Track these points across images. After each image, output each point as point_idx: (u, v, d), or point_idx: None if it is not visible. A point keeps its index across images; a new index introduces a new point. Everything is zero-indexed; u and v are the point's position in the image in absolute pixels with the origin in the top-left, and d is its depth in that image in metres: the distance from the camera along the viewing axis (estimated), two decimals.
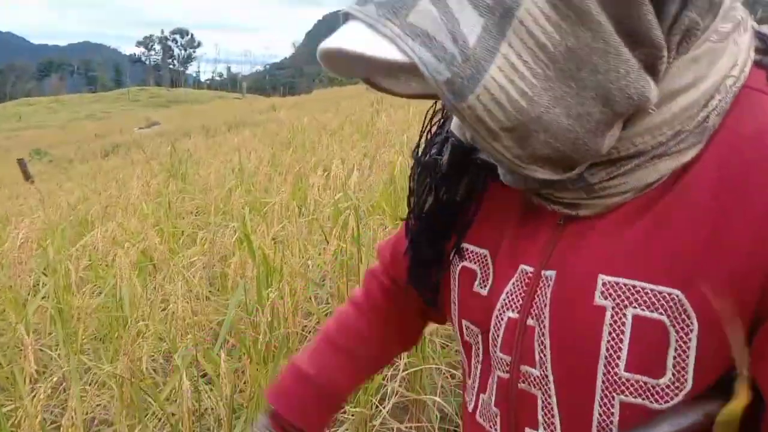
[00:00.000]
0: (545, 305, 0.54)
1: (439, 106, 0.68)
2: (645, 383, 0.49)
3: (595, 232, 0.53)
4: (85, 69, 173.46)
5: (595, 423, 0.52)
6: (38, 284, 3.23)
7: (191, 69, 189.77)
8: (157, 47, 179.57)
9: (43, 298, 2.85)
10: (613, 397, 0.50)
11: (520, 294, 0.57)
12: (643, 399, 0.49)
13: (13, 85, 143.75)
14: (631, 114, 0.48)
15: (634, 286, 0.49)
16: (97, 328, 2.82)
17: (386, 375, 2.07)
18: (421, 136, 0.67)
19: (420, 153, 0.67)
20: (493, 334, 0.59)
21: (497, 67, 0.43)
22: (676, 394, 0.49)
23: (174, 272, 3.02)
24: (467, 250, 0.64)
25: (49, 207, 5.77)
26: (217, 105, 34.97)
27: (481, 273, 0.62)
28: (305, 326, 2.56)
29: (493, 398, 0.61)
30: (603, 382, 0.51)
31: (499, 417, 0.61)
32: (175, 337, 2.34)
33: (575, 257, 0.53)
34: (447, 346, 2.32)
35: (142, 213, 4.61)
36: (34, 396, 1.67)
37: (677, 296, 0.47)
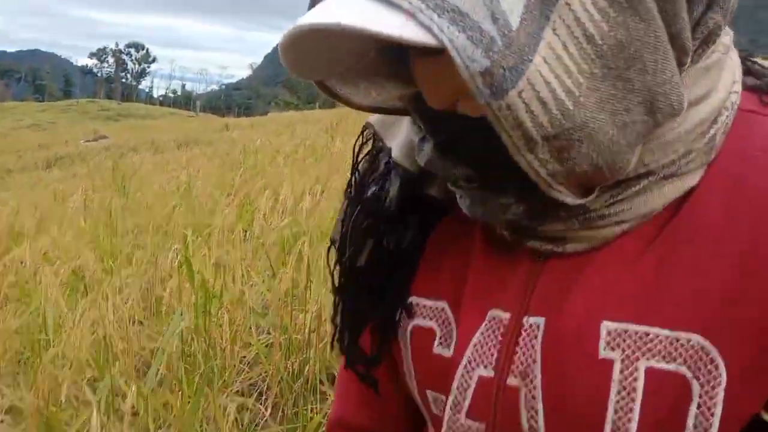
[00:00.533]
0: (534, 360, 0.45)
1: (367, 136, 0.58)
2: None
3: (590, 269, 0.44)
4: (33, 77, 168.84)
5: None
6: None
7: (144, 84, 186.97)
8: (111, 60, 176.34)
9: None
10: None
11: (494, 346, 0.47)
12: None
13: None
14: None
15: (646, 334, 0.41)
16: (18, 351, 2.63)
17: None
18: (352, 174, 0.57)
19: (353, 192, 0.57)
20: (456, 397, 0.49)
21: (542, 58, 0.34)
22: None
23: (106, 294, 2.85)
24: (418, 305, 0.53)
25: None
26: (168, 121, 34.41)
27: (441, 330, 0.52)
28: (243, 357, 2.43)
29: None
30: None
31: None
32: (102, 364, 2.17)
33: (569, 301, 0.44)
34: None
35: (78, 229, 4.40)
36: None
37: (699, 342, 0.40)
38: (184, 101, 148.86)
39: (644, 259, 0.43)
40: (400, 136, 0.54)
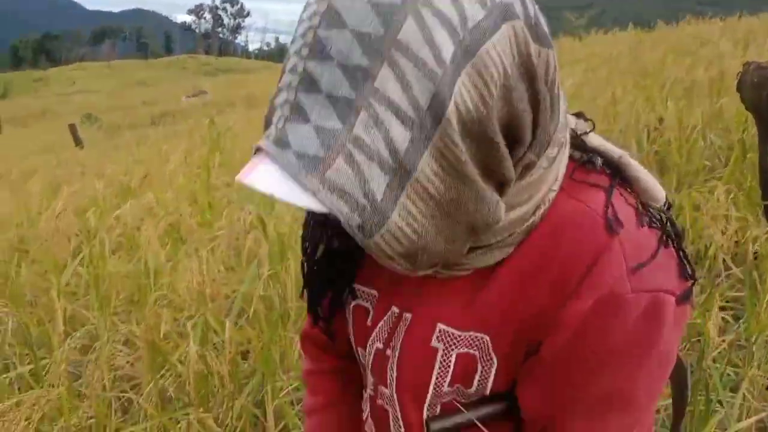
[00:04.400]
0: (399, 340, 0.70)
1: None
2: (459, 390, 0.67)
3: (442, 291, 0.68)
4: (137, 36, 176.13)
5: (423, 420, 0.69)
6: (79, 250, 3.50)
7: (240, 38, 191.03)
8: (208, 16, 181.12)
9: (80, 263, 3.12)
10: (437, 403, 0.68)
11: (387, 329, 0.72)
12: (456, 399, 0.68)
13: (69, 50, 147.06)
14: None
15: (459, 335, 0.66)
16: (130, 293, 3.07)
17: None
18: None
19: None
20: (366, 358, 0.75)
21: (398, 214, 0.54)
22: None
23: (199, 245, 3.24)
24: (359, 290, 0.76)
25: (94, 176, 6.07)
26: (264, 75, 35.28)
27: (373, 311, 0.75)
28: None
29: (368, 411, 0.79)
30: (432, 396, 0.68)
31: (373, 428, 0.78)
32: (192, 305, 2.55)
33: (425, 307, 0.68)
34: None
35: (178, 186, 4.86)
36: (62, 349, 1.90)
37: (486, 339, 0.65)
38: (278, 54, 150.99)
39: (467, 291, 0.65)
40: None
